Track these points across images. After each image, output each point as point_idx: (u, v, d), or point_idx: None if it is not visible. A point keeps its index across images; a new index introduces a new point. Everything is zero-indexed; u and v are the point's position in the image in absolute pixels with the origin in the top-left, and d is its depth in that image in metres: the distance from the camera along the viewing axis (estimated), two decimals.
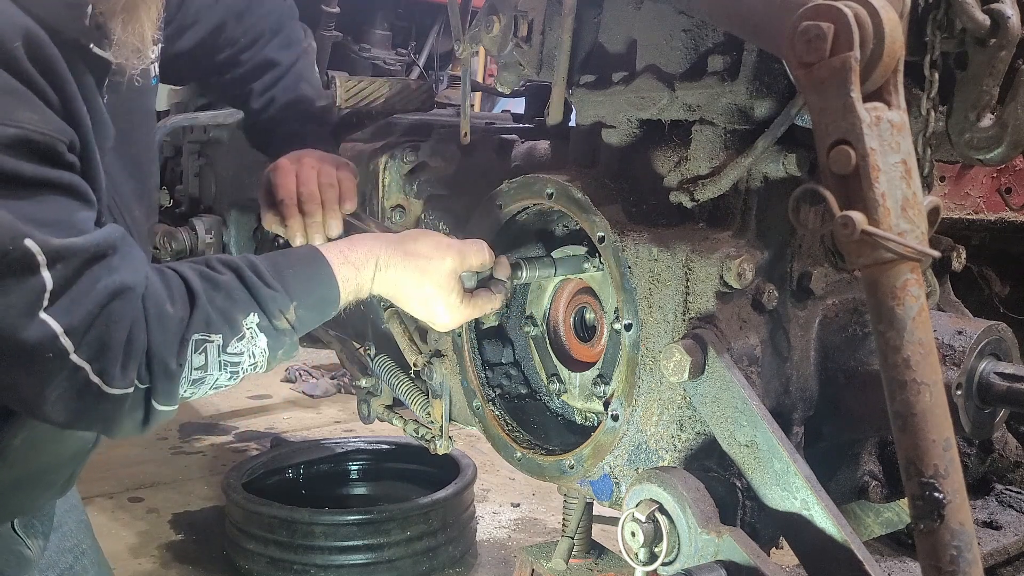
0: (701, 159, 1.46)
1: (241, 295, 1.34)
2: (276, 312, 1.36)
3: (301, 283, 1.40)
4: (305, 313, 1.40)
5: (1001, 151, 1.25)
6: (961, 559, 1.03)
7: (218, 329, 1.30)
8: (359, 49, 2.83)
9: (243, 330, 1.33)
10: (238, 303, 1.33)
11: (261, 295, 1.35)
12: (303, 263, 1.44)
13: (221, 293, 1.32)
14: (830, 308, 1.51)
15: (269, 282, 1.36)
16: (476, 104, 3.77)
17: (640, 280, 1.47)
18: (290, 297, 1.38)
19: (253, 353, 1.34)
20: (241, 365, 1.34)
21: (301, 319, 1.39)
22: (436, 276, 1.50)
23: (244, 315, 1.33)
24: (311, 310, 1.41)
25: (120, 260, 1.25)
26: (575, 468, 1.61)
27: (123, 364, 1.22)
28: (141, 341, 1.24)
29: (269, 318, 1.35)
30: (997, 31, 1.17)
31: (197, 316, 1.29)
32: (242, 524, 3.63)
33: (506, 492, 4.53)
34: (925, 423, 1.04)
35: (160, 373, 1.26)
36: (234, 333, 1.32)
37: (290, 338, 1.39)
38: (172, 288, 1.30)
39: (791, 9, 1.08)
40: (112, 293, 1.22)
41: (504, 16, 1.67)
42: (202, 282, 1.32)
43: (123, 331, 1.22)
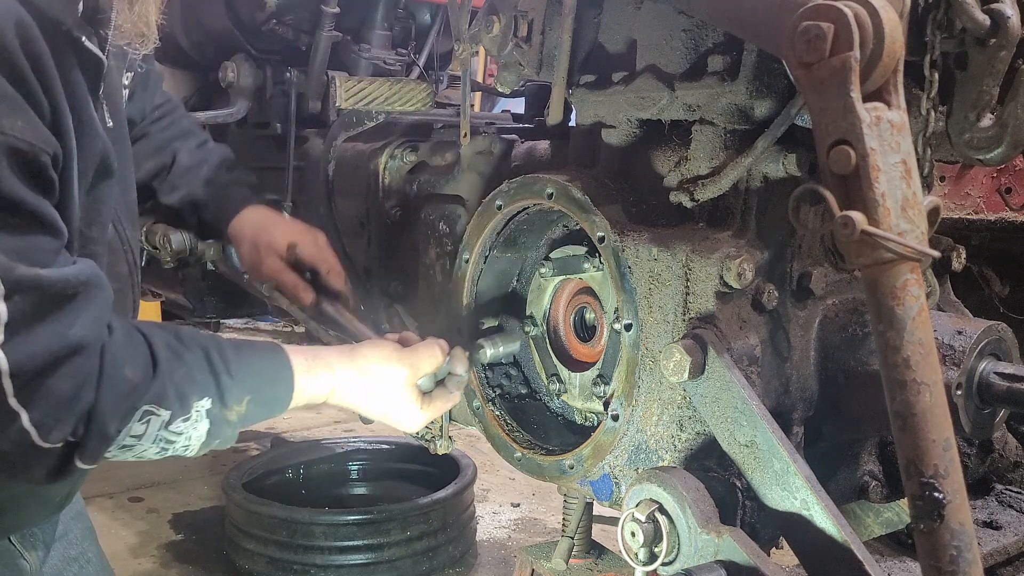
0: (701, 159, 1.46)
1: (201, 377, 1.31)
2: (229, 402, 1.33)
3: (261, 379, 1.39)
4: (255, 409, 1.37)
5: (1001, 151, 1.25)
6: (961, 559, 1.03)
7: (169, 406, 1.27)
8: (359, 49, 2.83)
9: (190, 412, 1.29)
10: (196, 384, 1.30)
11: (221, 383, 1.32)
12: (267, 360, 1.42)
13: (183, 369, 1.29)
14: (830, 308, 1.51)
15: (231, 370, 1.34)
16: (476, 104, 3.77)
17: (640, 280, 1.47)
18: (246, 389, 1.35)
19: (190, 436, 1.31)
20: (175, 444, 1.31)
21: (248, 414, 1.37)
22: (389, 391, 1.51)
23: (198, 398, 1.30)
24: (261, 407, 1.39)
25: (85, 307, 1.20)
26: (575, 468, 1.61)
27: (62, 420, 1.17)
28: (87, 400, 1.18)
29: (221, 407, 1.32)
30: (997, 31, 1.17)
31: (154, 388, 1.25)
32: (242, 524, 3.63)
33: (506, 492, 4.53)
34: (925, 423, 1.04)
35: (96, 434, 1.21)
36: (182, 413, 1.28)
37: (231, 431, 1.37)
38: (136, 351, 1.26)
39: (791, 9, 1.08)
40: (68, 346, 1.16)
41: (504, 16, 1.67)
42: (167, 353, 1.28)
43: (71, 387, 1.17)
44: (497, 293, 1.82)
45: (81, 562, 1.70)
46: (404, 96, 1.93)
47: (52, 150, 1.16)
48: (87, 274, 1.21)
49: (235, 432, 1.38)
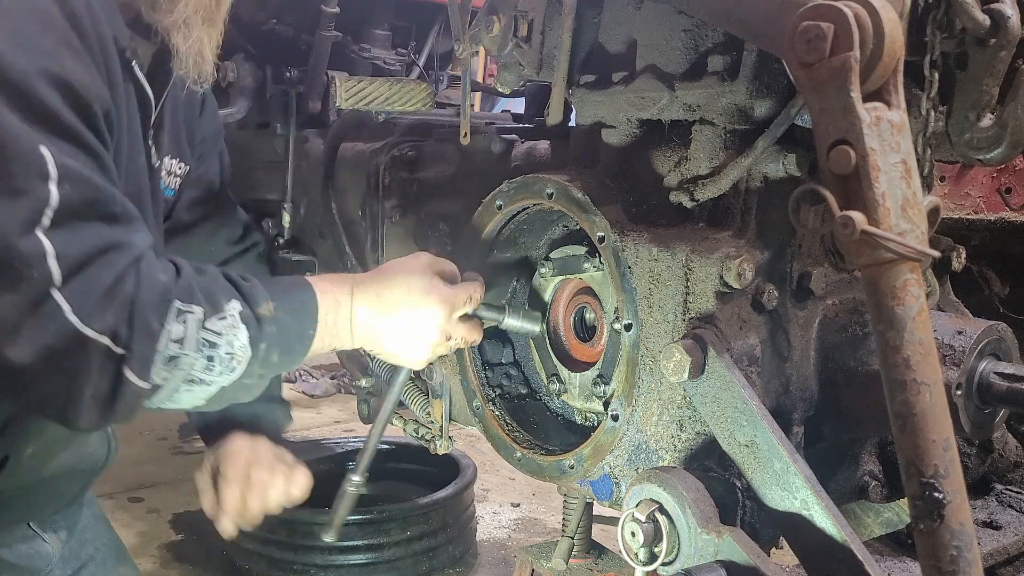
0: (701, 159, 1.46)
1: (224, 285, 1.33)
2: (258, 300, 1.34)
3: (279, 287, 1.41)
4: (284, 316, 1.36)
5: (1001, 151, 1.25)
6: (961, 559, 1.03)
7: (200, 302, 1.27)
8: (359, 49, 2.83)
9: (224, 311, 1.29)
10: (221, 288, 1.32)
11: (242, 288, 1.34)
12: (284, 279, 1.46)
13: (206, 277, 1.32)
14: (830, 308, 1.51)
15: (250, 282, 1.36)
16: (476, 104, 3.77)
17: (640, 280, 1.47)
18: (270, 296, 1.36)
19: (232, 343, 1.29)
20: (219, 348, 1.28)
21: (280, 322, 1.36)
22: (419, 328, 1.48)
23: (226, 299, 1.31)
24: (290, 314, 1.38)
25: (129, 223, 1.25)
26: (575, 468, 1.61)
27: (102, 306, 1.17)
28: (127, 292, 1.20)
29: (251, 306, 1.33)
30: (997, 31, 1.17)
31: (180, 284, 1.27)
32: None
33: (506, 492, 4.53)
34: (925, 423, 1.04)
35: (140, 329, 1.20)
36: (215, 311, 1.29)
37: (270, 327, 1.34)
38: (163, 263, 1.29)
39: (791, 9, 1.08)
40: (112, 243, 1.20)
41: (504, 16, 1.67)
42: (191, 270, 1.31)
43: (111, 277, 1.19)
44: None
45: (96, 544, 1.71)
46: (404, 96, 1.93)
47: (106, 107, 1.22)
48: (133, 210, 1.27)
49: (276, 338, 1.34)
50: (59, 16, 1.18)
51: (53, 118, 1.15)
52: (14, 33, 1.14)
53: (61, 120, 1.16)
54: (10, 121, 1.11)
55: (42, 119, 1.14)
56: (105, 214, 1.21)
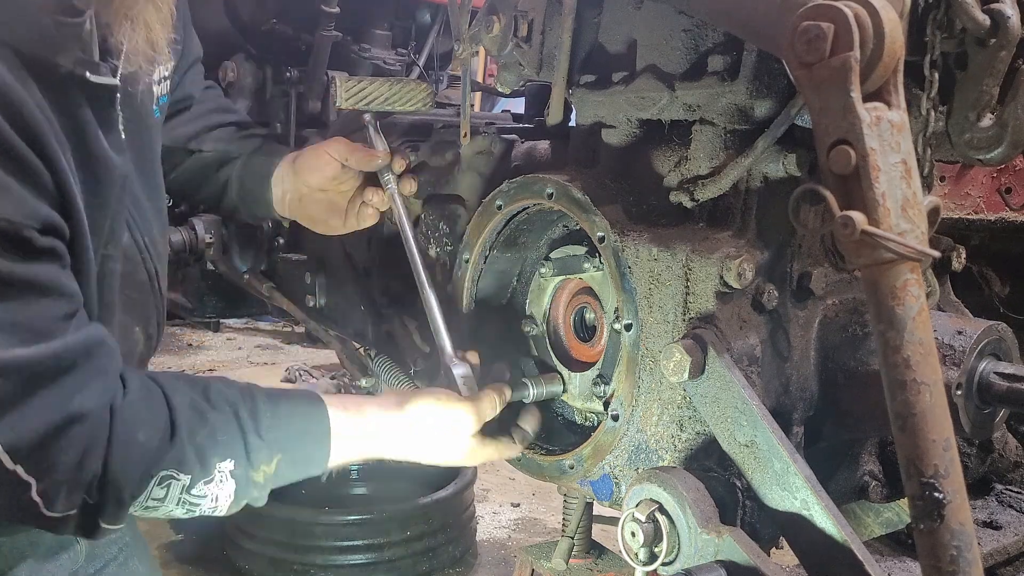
0: (701, 159, 1.46)
1: (225, 438, 1.28)
2: (257, 463, 1.31)
3: (293, 436, 1.35)
4: (286, 468, 1.35)
5: (1001, 151, 1.24)
6: (961, 559, 1.03)
7: (189, 470, 1.25)
8: (359, 49, 2.83)
9: (213, 473, 1.27)
10: (219, 445, 1.27)
11: (248, 443, 1.30)
12: (303, 415, 1.38)
13: (205, 430, 1.26)
14: (830, 308, 1.51)
15: (261, 430, 1.31)
16: (476, 104, 3.77)
17: (640, 280, 1.47)
18: (277, 449, 1.32)
19: (217, 497, 1.29)
20: (201, 507, 1.29)
21: (279, 473, 1.34)
22: (448, 442, 1.50)
23: (221, 459, 1.27)
24: (293, 466, 1.36)
25: (84, 377, 1.17)
26: (575, 468, 1.61)
27: (68, 491, 1.16)
28: (93, 468, 1.17)
29: (247, 468, 1.30)
30: (997, 31, 1.17)
31: (172, 453, 1.23)
32: (242, 524, 3.63)
33: (506, 492, 4.53)
34: (925, 423, 1.04)
35: (111, 498, 1.20)
36: (204, 475, 1.26)
37: (258, 491, 1.34)
38: (153, 413, 1.24)
39: (791, 9, 1.08)
40: (67, 416, 1.14)
41: (504, 16, 1.67)
42: (190, 413, 1.26)
43: (73, 458, 1.15)
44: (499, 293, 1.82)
45: (119, 544, 1.70)
46: (404, 96, 1.93)
47: (40, 222, 1.13)
48: (91, 340, 1.19)
49: (265, 492, 1.35)
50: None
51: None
52: None
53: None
54: None
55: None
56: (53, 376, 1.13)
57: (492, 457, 1.56)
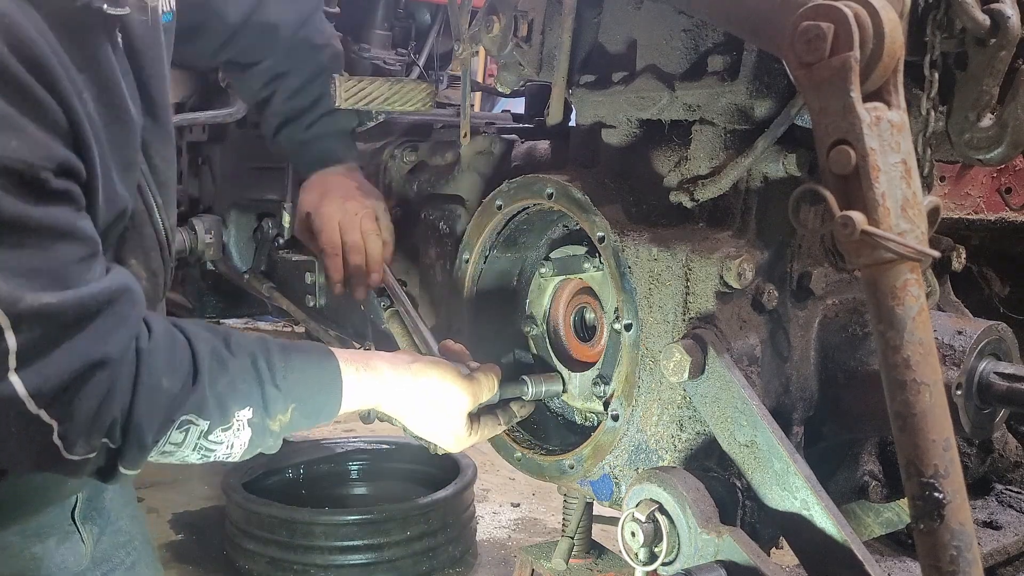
0: (701, 159, 1.46)
1: (244, 386, 1.30)
2: (272, 412, 1.33)
3: (306, 386, 1.38)
4: (300, 418, 1.37)
5: (1001, 151, 1.24)
6: (961, 559, 1.03)
7: (209, 416, 1.26)
8: (359, 49, 2.82)
9: (232, 421, 1.29)
10: (238, 393, 1.29)
11: (264, 392, 1.32)
12: (316, 367, 1.41)
13: (225, 378, 1.28)
14: (830, 308, 1.51)
15: (276, 378, 1.33)
16: (476, 104, 3.76)
17: (640, 280, 1.47)
18: (290, 398, 1.34)
19: (232, 444, 1.31)
20: (216, 452, 1.31)
21: (293, 422, 1.36)
22: (445, 414, 1.51)
23: (239, 407, 1.29)
24: (306, 416, 1.38)
25: (108, 325, 1.17)
26: (575, 468, 1.61)
27: (87, 434, 1.17)
28: (112, 413, 1.18)
29: (263, 416, 1.32)
30: (997, 31, 1.17)
31: (193, 398, 1.24)
32: (242, 524, 3.63)
33: (506, 492, 4.53)
34: (925, 423, 1.04)
35: (133, 442, 1.21)
36: (223, 423, 1.28)
37: (274, 440, 1.37)
38: (176, 359, 1.25)
39: (791, 9, 1.08)
40: (90, 363, 1.14)
41: (504, 16, 1.67)
42: (211, 361, 1.27)
43: (94, 403, 1.16)
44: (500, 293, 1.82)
45: (128, 548, 1.70)
46: (404, 96, 1.93)
47: (55, 163, 1.11)
48: (114, 286, 1.19)
49: (278, 440, 1.38)
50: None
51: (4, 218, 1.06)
52: None
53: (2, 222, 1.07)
54: None
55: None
56: (78, 322, 1.13)
57: (478, 439, 1.58)
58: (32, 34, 1.10)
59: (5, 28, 1.07)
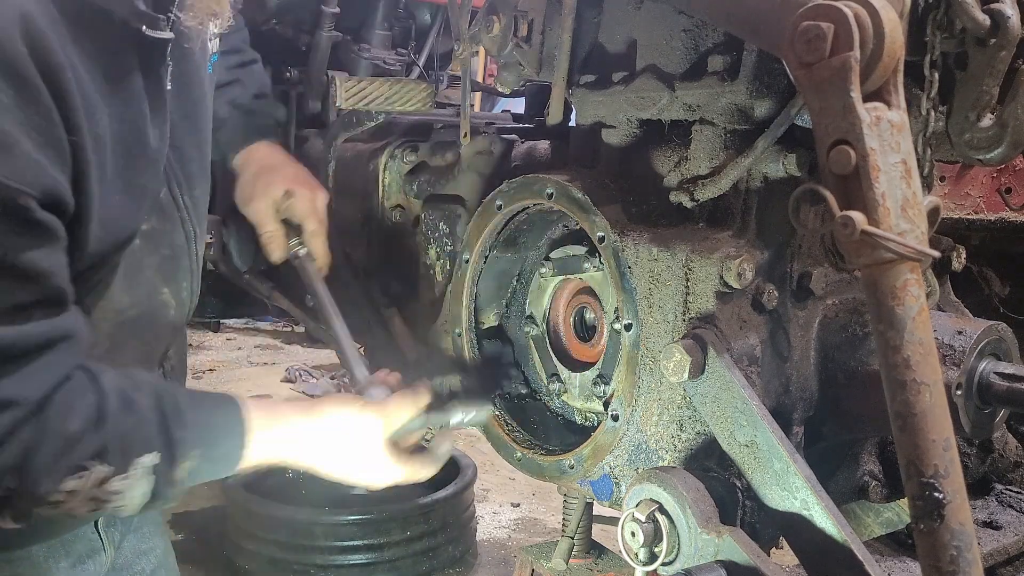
0: (701, 159, 1.46)
1: (149, 428, 1.23)
2: (179, 457, 1.25)
3: (213, 433, 1.31)
4: (203, 465, 1.30)
5: (1001, 151, 1.25)
6: (961, 559, 1.03)
7: (108, 460, 1.19)
8: (359, 49, 2.82)
9: (130, 470, 1.21)
10: (143, 436, 1.22)
11: (172, 435, 1.24)
12: (221, 412, 1.34)
13: (131, 420, 1.21)
14: (830, 308, 1.51)
15: (185, 420, 1.26)
16: (476, 104, 3.76)
17: (640, 280, 1.47)
18: (198, 443, 1.28)
19: (126, 495, 1.22)
20: (108, 504, 1.22)
21: (196, 471, 1.29)
22: (358, 448, 1.43)
23: (141, 453, 1.22)
24: (210, 463, 1.31)
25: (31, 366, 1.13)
26: (575, 468, 1.61)
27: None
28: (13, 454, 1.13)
29: (168, 463, 1.24)
30: (997, 31, 1.17)
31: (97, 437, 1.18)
32: (242, 524, 3.63)
33: (506, 492, 4.53)
34: (925, 423, 1.04)
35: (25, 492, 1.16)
36: (123, 468, 1.20)
37: (174, 490, 1.28)
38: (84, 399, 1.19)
39: (791, 9, 1.08)
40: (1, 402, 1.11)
41: (504, 16, 1.67)
42: (117, 401, 1.21)
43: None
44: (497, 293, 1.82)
45: (150, 556, 1.69)
46: (404, 96, 1.93)
47: (39, 190, 1.09)
48: (49, 336, 1.16)
49: (179, 492, 1.30)
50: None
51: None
52: None
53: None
54: None
55: None
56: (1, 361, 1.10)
57: (408, 476, 1.48)
58: (50, 41, 1.09)
59: (26, 30, 1.07)
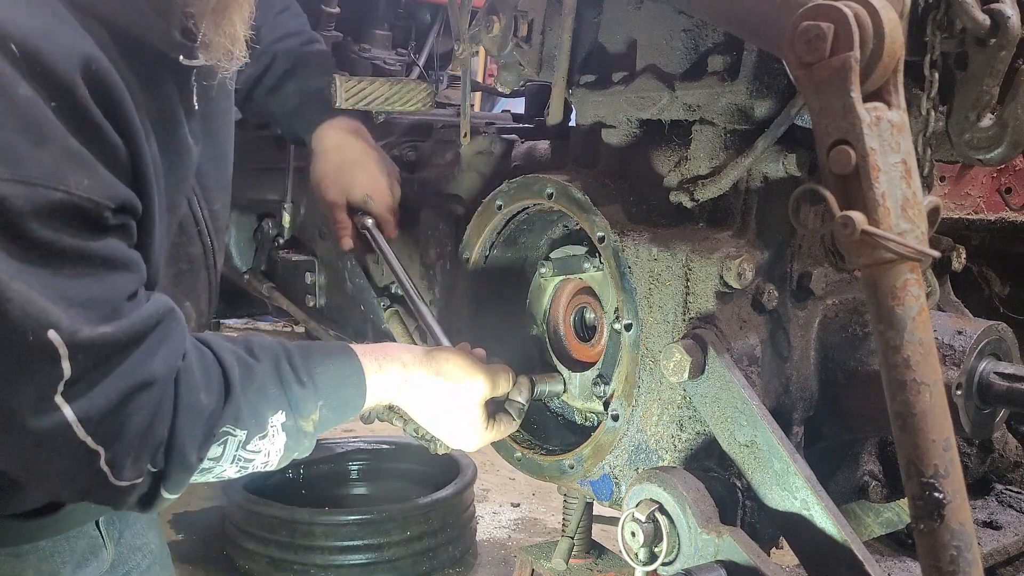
0: (701, 159, 1.46)
1: (274, 390, 1.31)
2: (304, 412, 1.33)
3: (331, 382, 1.37)
4: (328, 414, 1.37)
5: (1001, 151, 1.25)
6: (961, 559, 1.03)
7: (245, 425, 1.27)
8: (359, 49, 2.83)
9: (267, 428, 1.29)
10: (269, 399, 1.30)
11: (292, 393, 1.32)
12: (337, 361, 1.40)
13: (255, 385, 1.29)
14: (830, 308, 1.51)
15: (302, 378, 1.33)
16: (476, 104, 3.76)
17: (640, 280, 1.48)
18: (318, 395, 1.35)
19: (269, 452, 1.31)
20: (254, 462, 1.31)
21: (323, 420, 1.36)
22: (464, 403, 1.49)
23: (272, 412, 1.30)
24: (335, 411, 1.38)
25: (154, 345, 1.19)
26: (575, 468, 1.61)
27: (135, 457, 1.18)
28: (159, 434, 1.20)
29: (295, 418, 1.32)
30: (997, 31, 1.17)
31: (229, 409, 1.25)
32: (242, 524, 3.63)
33: (506, 492, 4.53)
34: (925, 423, 1.04)
35: (178, 463, 1.22)
36: (259, 431, 1.29)
37: (309, 441, 1.37)
38: (210, 375, 1.26)
39: (791, 9, 1.08)
40: (137, 384, 1.16)
41: (504, 16, 1.67)
42: (239, 370, 1.28)
43: (142, 423, 1.17)
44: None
45: (144, 552, 1.70)
46: (404, 96, 1.93)
47: (118, 202, 1.16)
48: (159, 312, 1.22)
49: (312, 441, 1.38)
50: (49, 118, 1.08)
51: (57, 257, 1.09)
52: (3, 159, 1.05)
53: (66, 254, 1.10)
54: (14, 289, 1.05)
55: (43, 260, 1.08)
56: (127, 348, 1.16)
57: (494, 437, 1.56)
58: (114, 78, 1.15)
59: (89, 72, 1.12)
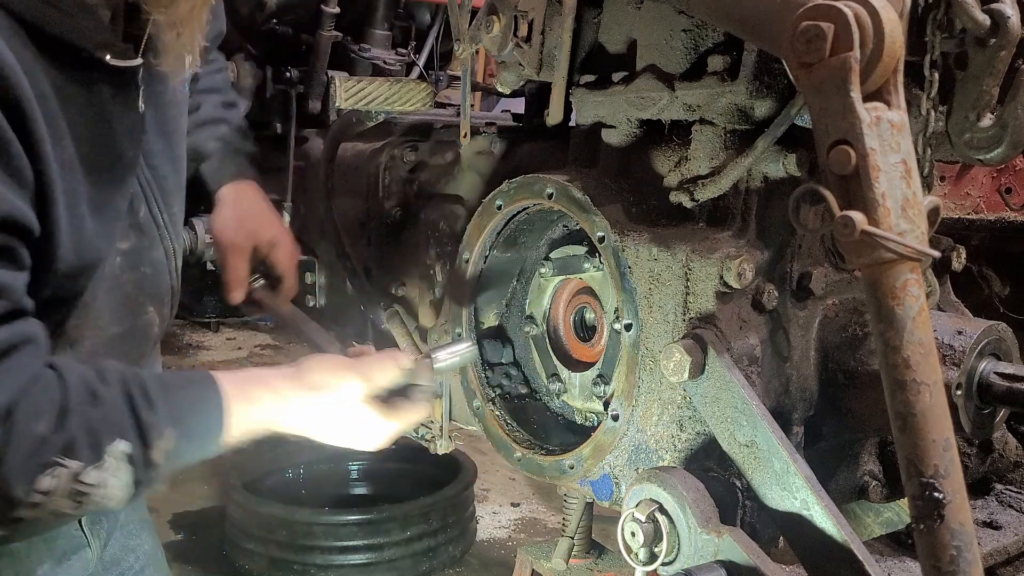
0: (701, 159, 1.46)
1: (118, 416, 1.21)
2: (151, 439, 1.23)
3: (186, 408, 1.29)
4: (184, 443, 1.27)
5: (1001, 151, 1.25)
6: (961, 559, 1.03)
7: (78, 454, 1.17)
8: (359, 49, 2.83)
9: (104, 459, 1.19)
10: (110, 425, 1.20)
11: (140, 419, 1.22)
12: (195, 388, 1.32)
13: (97, 411, 1.20)
14: (830, 308, 1.51)
15: (153, 403, 1.24)
16: (476, 104, 3.76)
17: (640, 280, 1.47)
18: (170, 421, 1.25)
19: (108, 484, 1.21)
20: (91, 496, 1.20)
21: (177, 449, 1.26)
22: (345, 407, 1.40)
23: (111, 441, 1.20)
24: (191, 440, 1.29)
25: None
26: (575, 468, 1.61)
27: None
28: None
29: (141, 447, 1.22)
30: (997, 31, 1.17)
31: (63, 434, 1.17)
32: (242, 524, 3.63)
33: (506, 492, 4.53)
34: (925, 423, 1.04)
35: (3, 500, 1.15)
36: (95, 459, 1.19)
37: (156, 472, 1.25)
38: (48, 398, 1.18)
39: (791, 9, 1.08)
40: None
41: (504, 16, 1.67)
42: (81, 396, 1.20)
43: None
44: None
45: (137, 553, 1.68)
46: (404, 96, 1.93)
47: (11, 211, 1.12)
48: (14, 337, 1.17)
49: (161, 475, 1.27)
50: None
51: None
52: None
53: None
54: None
55: None
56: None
57: (401, 426, 1.45)
58: (14, 73, 1.11)
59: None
